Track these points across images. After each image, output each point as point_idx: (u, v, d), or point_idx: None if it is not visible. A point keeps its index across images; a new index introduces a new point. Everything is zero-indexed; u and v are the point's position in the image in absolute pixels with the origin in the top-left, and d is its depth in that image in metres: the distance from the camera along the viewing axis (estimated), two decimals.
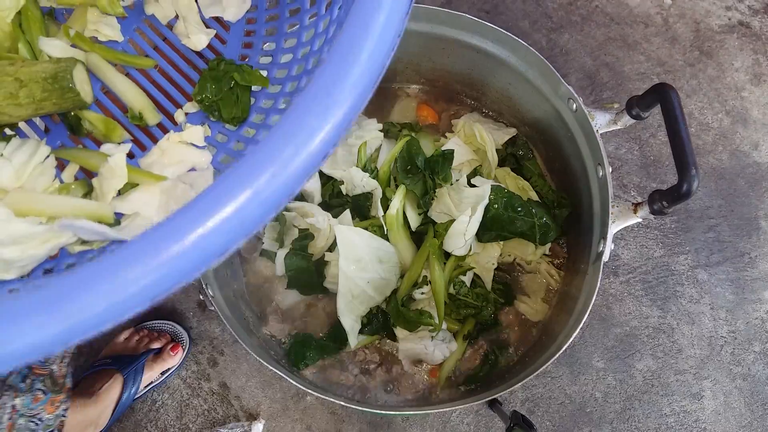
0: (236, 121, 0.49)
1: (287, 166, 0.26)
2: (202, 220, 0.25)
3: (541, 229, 0.90)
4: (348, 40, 0.27)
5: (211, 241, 0.25)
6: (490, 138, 0.98)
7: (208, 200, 0.25)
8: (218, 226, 0.25)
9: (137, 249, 0.24)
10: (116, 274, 0.24)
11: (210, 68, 0.50)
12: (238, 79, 0.49)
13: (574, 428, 1.07)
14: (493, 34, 0.89)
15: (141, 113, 0.48)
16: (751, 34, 1.31)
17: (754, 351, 1.12)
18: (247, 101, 0.49)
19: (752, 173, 1.22)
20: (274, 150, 0.26)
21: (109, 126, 0.46)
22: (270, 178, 0.25)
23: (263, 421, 1.05)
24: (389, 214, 0.89)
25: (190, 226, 0.25)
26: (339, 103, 0.26)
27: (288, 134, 0.26)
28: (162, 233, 0.25)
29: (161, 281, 0.25)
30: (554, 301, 0.97)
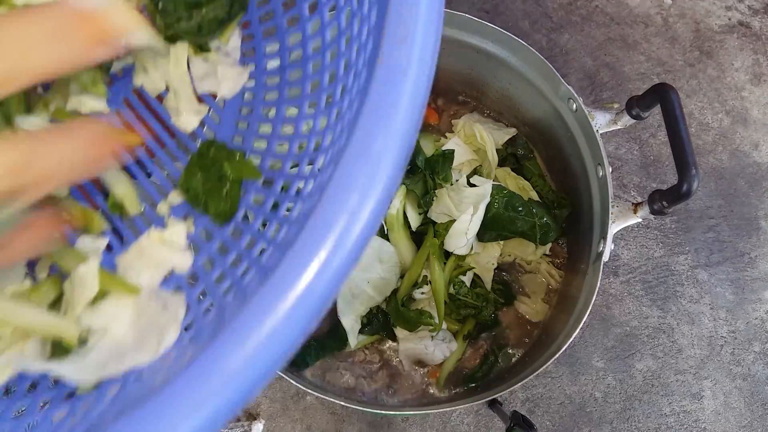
0: (223, 217, 0.44)
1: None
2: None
3: (541, 229, 0.90)
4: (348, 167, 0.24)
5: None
6: (490, 138, 0.98)
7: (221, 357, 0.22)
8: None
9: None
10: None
11: (199, 153, 0.45)
12: (228, 171, 0.44)
13: (574, 428, 1.07)
14: (493, 34, 0.89)
15: (122, 201, 0.43)
16: (751, 34, 1.31)
17: (754, 351, 1.12)
18: (236, 195, 0.44)
19: (752, 173, 1.22)
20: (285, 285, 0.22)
21: (88, 216, 0.42)
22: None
23: (263, 421, 1.05)
24: (390, 214, 0.89)
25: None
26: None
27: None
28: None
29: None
30: (554, 301, 0.97)
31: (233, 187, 0.44)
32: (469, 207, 0.88)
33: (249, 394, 0.21)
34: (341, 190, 0.23)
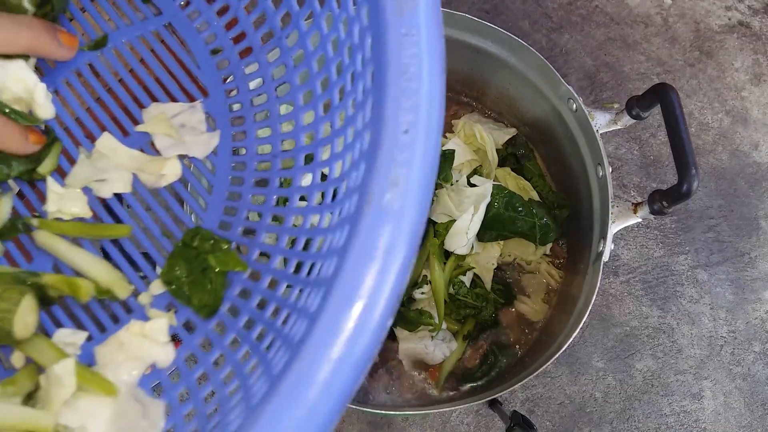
0: (207, 310, 0.42)
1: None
2: None
3: (541, 230, 0.90)
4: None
5: None
6: (490, 138, 0.98)
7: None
8: None
9: None
10: None
11: (184, 243, 0.43)
12: (213, 263, 0.42)
13: (574, 428, 1.07)
14: (493, 34, 0.89)
15: (110, 288, 0.42)
16: (751, 34, 1.31)
17: (754, 351, 1.12)
18: (220, 287, 0.42)
19: (752, 173, 1.22)
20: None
21: (73, 285, 0.41)
22: None
23: None
24: None
25: None
26: None
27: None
28: None
29: None
30: (554, 301, 0.97)
31: (218, 279, 0.42)
32: (470, 207, 0.88)
33: None
34: (347, 292, 0.22)
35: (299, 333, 0.27)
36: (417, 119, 0.24)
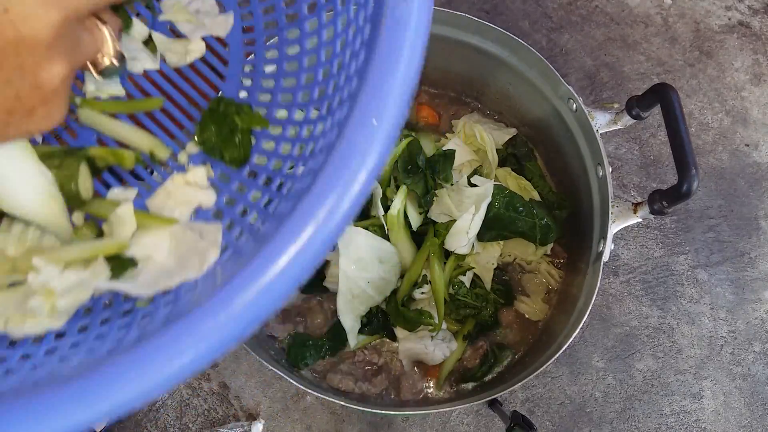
0: (237, 163, 0.49)
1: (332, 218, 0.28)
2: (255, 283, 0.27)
3: (542, 230, 0.90)
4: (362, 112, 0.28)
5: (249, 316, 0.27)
6: (490, 138, 0.98)
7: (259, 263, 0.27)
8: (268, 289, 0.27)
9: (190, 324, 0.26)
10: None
11: (210, 109, 0.50)
12: (239, 123, 0.49)
13: (574, 428, 1.07)
14: (493, 34, 0.89)
15: (152, 152, 0.48)
16: (751, 34, 1.31)
17: (754, 351, 1.12)
18: (248, 143, 0.49)
19: (752, 173, 1.22)
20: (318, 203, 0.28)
21: (119, 155, 0.47)
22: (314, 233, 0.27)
23: (263, 421, 1.05)
24: (390, 214, 0.89)
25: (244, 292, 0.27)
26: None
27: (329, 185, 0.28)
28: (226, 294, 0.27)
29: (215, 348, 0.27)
30: (554, 301, 0.97)
31: (244, 136, 0.49)
32: (470, 207, 0.88)
33: (279, 301, 0.27)
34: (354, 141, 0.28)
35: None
36: None
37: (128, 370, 0.25)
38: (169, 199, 0.46)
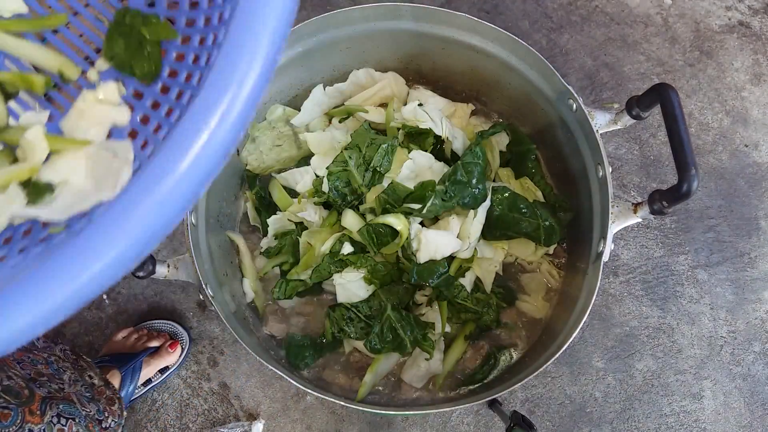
0: (149, 78, 0.48)
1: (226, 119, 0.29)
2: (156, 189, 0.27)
3: (545, 231, 0.90)
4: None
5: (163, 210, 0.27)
6: (493, 140, 0.98)
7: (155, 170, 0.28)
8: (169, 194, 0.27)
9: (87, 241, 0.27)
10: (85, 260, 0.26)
11: (116, 21, 0.48)
12: (147, 34, 0.47)
13: (574, 428, 1.07)
14: (493, 34, 0.89)
15: (60, 71, 0.47)
16: (751, 34, 1.31)
17: (754, 351, 1.12)
18: (157, 56, 0.48)
19: (752, 173, 1.22)
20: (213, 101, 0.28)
21: (27, 80, 0.46)
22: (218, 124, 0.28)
23: (263, 420, 1.05)
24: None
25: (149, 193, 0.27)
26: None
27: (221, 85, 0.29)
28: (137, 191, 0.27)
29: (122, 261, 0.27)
30: (554, 300, 0.97)
31: (153, 49, 0.47)
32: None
33: (193, 195, 0.28)
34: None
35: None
36: None
37: (32, 287, 0.26)
38: (82, 120, 0.46)
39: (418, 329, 0.88)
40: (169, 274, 0.77)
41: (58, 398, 0.72)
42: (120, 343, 1.03)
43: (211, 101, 0.29)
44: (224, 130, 0.29)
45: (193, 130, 0.28)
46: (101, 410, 0.81)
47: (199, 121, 0.28)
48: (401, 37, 0.95)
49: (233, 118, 0.29)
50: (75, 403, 0.75)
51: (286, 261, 0.94)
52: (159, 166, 0.28)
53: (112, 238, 0.27)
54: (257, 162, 0.99)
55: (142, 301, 1.11)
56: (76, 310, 0.26)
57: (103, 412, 0.82)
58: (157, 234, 0.28)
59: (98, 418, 0.80)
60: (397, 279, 0.92)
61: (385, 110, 0.97)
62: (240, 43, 0.30)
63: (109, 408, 0.84)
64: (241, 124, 0.29)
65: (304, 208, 0.93)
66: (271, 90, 0.98)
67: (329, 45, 0.94)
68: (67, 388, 0.77)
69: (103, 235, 0.27)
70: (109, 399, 0.86)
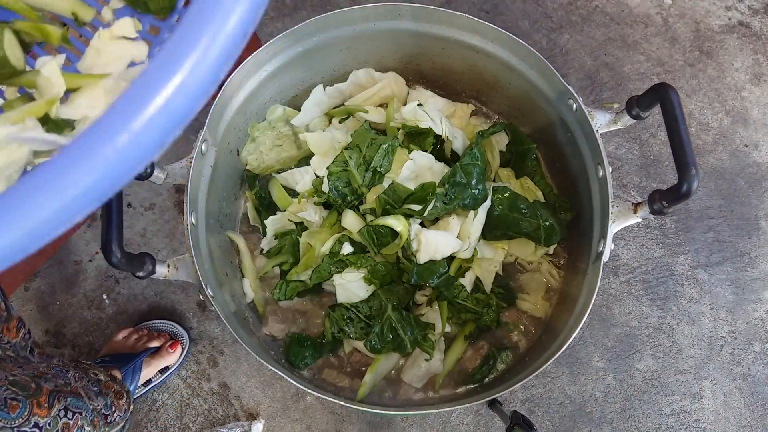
0: (165, 12, 0.47)
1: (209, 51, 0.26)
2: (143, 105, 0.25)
3: (546, 231, 0.90)
4: None
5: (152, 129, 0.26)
6: (492, 139, 0.98)
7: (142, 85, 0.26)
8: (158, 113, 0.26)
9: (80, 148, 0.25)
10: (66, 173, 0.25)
11: None
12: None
13: (574, 428, 1.07)
14: (493, 34, 0.89)
15: (74, 14, 0.47)
16: (751, 34, 1.31)
17: (754, 351, 1.12)
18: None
19: (752, 173, 1.22)
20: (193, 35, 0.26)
21: (44, 31, 0.46)
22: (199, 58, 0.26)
23: (263, 420, 1.05)
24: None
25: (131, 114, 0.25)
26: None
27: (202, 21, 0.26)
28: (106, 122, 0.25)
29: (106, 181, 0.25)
30: (554, 300, 0.97)
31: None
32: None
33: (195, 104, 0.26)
34: None
35: None
36: None
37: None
38: (100, 58, 0.46)
39: (419, 330, 0.88)
40: (169, 274, 0.77)
41: (65, 392, 0.72)
42: (120, 344, 1.03)
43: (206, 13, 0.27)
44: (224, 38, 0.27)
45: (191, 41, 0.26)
46: (109, 404, 0.81)
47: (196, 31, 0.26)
48: (401, 37, 0.95)
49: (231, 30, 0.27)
50: (83, 397, 0.75)
51: (286, 261, 0.94)
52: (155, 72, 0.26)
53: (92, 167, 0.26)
54: (257, 162, 0.99)
55: (142, 302, 1.11)
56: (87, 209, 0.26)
57: (110, 407, 0.82)
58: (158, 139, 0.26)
59: (104, 413, 0.80)
60: (397, 279, 0.92)
61: (385, 110, 0.97)
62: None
63: (117, 402, 0.84)
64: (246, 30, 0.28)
65: (304, 208, 0.93)
66: (271, 90, 0.98)
67: (329, 45, 0.94)
68: (73, 383, 0.77)
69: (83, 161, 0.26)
70: (117, 393, 0.86)
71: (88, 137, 0.25)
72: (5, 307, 0.76)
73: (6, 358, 0.72)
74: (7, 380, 0.65)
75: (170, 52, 0.26)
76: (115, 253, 0.66)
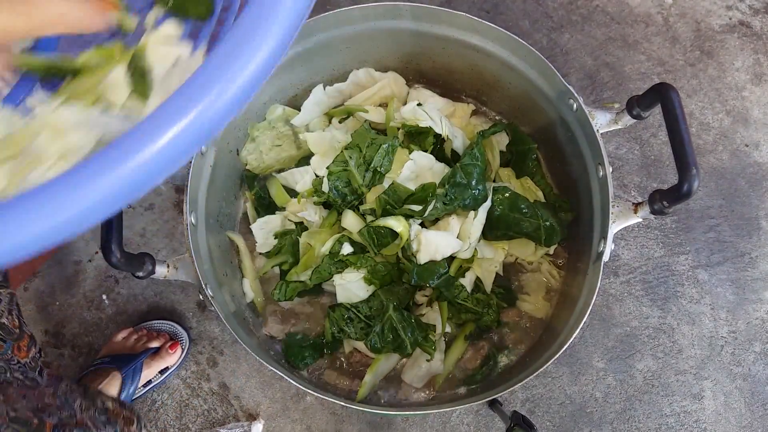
0: (203, 16, 0.51)
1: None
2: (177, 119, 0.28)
3: (546, 231, 0.90)
4: None
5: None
6: (492, 139, 0.98)
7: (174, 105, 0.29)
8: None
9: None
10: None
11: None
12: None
13: (575, 428, 1.07)
14: (493, 33, 0.88)
15: (119, 24, 0.50)
16: (752, 33, 1.31)
17: (754, 351, 1.12)
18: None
19: (753, 173, 1.22)
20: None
21: (104, 53, 0.49)
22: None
23: (263, 421, 1.05)
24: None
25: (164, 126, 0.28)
26: None
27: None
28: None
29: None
30: (555, 300, 0.97)
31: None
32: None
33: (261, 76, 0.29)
34: None
35: None
36: None
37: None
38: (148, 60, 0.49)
39: (419, 331, 0.88)
40: (168, 275, 0.77)
41: (71, 425, 0.70)
42: (120, 344, 1.02)
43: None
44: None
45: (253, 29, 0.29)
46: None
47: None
48: (401, 37, 0.95)
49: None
50: (90, 428, 0.74)
51: (286, 261, 0.94)
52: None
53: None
54: (257, 162, 0.99)
55: (141, 302, 1.11)
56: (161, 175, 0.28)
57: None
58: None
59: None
60: (397, 279, 0.91)
61: (385, 110, 0.97)
62: None
63: (128, 428, 0.83)
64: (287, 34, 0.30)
65: (304, 208, 0.93)
66: (270, 90, 0.98)
67: (329, 45, 0.94)
68: (79, 414, 0.75)
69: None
70: (127, 419, 0.85)
71: (166, 109, 0.28)
72: (18, 324, 0.75)
73: (13, 381, 0.70)
74: (8, 416, 0.64)
75: (235, 43, 0.29)
76: (115, 253, 0.66)
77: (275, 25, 0.29)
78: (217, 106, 0.28)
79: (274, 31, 0.29)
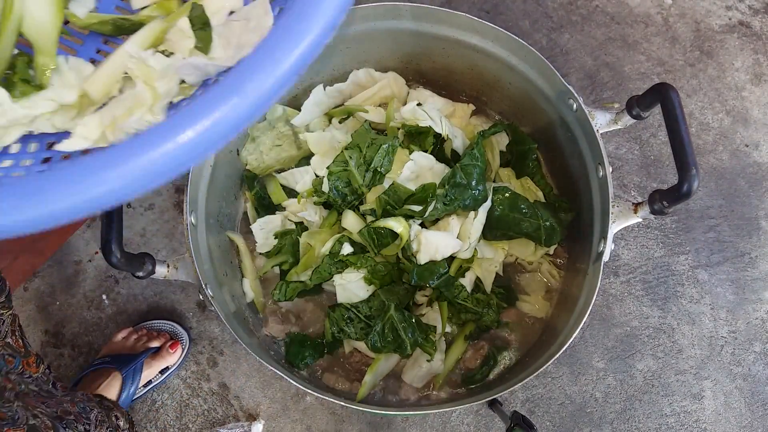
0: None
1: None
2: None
3: (546, 231, 0.90)
4: None
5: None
6: (492, 139, 0.98)
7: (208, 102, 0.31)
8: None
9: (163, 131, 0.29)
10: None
11: None
12: None
13: (575, 428, 1.07)
14: (493, 33, 0.88)
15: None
16: (752, 33, 1.31)
17: (754, 351, 1.12)
18: None
19: (753, 173, 1.22)
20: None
21: (163, 7, 0.52)
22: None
23: (263, 421, 1.05)
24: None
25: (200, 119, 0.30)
26: None
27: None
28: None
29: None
30: (555, 300, 0.97)
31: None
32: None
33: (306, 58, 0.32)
34: None
35: None
36: None
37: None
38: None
39: (420, 332, 0.88)
40: (168, 275, 0.77)
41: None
42: (120, 344, 1.02)
43: None
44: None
45: None
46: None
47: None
48: (401, 37, 0.95)
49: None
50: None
51: (286, 261, 0.94)
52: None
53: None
54: (257, 162, 0.99)
55: (141, 302, 1.11)
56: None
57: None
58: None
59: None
60: (398, 279, 0.91)
61: (385, 110, 0.97)
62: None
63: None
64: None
65: (304, 208, 0.93)
66: None
67: (329, 45, 0.93)
68: (93, 430, 0.76)
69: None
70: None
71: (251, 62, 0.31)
72: (23, 344, 0.75)
73: (29, 392, 0.70)
74: (27, 424, 0.64)
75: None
76: (115, 253, 0.66)
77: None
78: (291, 62, 0.31)
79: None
